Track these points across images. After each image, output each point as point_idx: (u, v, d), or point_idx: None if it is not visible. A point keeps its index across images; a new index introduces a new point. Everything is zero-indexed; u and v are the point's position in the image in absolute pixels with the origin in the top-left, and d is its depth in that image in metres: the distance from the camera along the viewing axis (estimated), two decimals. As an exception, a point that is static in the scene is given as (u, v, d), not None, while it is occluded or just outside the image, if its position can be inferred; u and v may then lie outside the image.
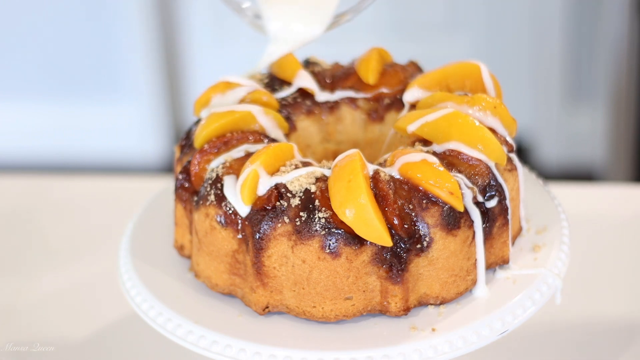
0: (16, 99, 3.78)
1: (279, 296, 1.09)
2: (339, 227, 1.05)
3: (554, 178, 3.23)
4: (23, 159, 3.79)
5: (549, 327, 1.36)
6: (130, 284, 1.16)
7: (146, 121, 3.73)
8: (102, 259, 1.56)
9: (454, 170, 1.10)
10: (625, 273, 1.49)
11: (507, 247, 1.14)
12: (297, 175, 1.08)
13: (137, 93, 3.70)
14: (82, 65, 3.69)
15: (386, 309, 1.09)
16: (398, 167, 1.08)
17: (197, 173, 1.15)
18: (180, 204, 1.19)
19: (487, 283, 1.12)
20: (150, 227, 1.27)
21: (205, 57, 3.66)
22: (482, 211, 1.10)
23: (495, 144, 1.11)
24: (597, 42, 3.37)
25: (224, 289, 1.14)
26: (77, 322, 1.43)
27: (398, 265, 1.06)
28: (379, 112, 1.28)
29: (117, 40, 3.64)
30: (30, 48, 3.68)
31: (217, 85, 1.25)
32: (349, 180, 1.05)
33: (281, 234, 1.07)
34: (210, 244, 1.12)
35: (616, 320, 1.39)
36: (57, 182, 1.86)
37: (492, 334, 1.06)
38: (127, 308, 1.20)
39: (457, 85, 1.22)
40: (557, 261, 1.15)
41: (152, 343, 1.33)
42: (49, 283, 1.53)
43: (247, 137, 1.16)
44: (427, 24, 3.50)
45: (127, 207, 1.49)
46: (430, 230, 1.07)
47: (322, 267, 1.06)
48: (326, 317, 1.09)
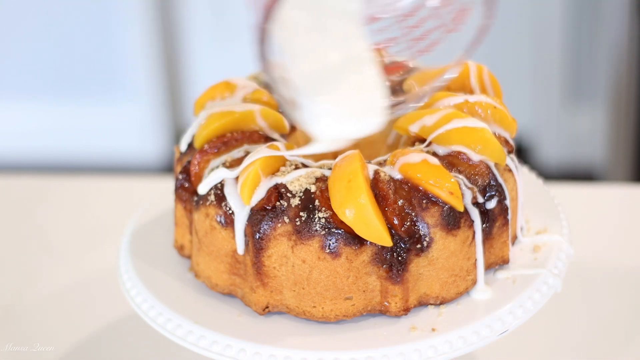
0: (16, 99, 3.78)
1: (279, 296, 1.09)
2: (339, 227, 1.05)
3: (554, 178, 3.23)
4: (23, 159, 3.79)
5: (549, 327, 1.36)
6: (130, 284, 1.16)
7: (146, 121, 3.73)
8: (101, 259, 1.56)
9: (454, 170, 1.10)
10: (625, 273, 1.49)
11: (507, 247, 1.14)
12: (297, 176, 1.08)
13: (137, 93, 3.70)
14: (82, 65, 3.69)
15: (386, 309, 1.09)
16: (398, 167, 1.08)
17: (197, 173, 1.15)
18: (180, 204, 1.19)
19: (487, 283, 1.12)
20: (150, 227, 1.27)
21: (205, 57, 3.66)
22: (482, 211, 1.10)
23: (495, 144, 1.11)
24: (597, 42, 3.37)
25: (224, 289, 1.14)
26: (77, 322, 1.43)
27: (398, 265, 1.06)
28: (379, 112, 1.28)
29: (117, 40, 3.64)
30: (30, 48, 3.68)
31: (217, 85, 1.25)
32: (349, 180, 1.05)
33: (281, 234, 1.07)
34: (210, 244, 1.12)
35: (616, 320, 1.39)
36: (57, 182, 1.86)
37: (492, 334, 1.06)
38: (127, 308, 1.20)
39: (456, 85, 1.22)
40: (557, 261, 1.15)
41: (152, 343, 1.33)
42: (49, 283, 1.53)
43: (247, 137, 1.16)
44: (427, 24, 3.49)
45: (127, 207, 1.49)
46: (430, 230, 1.07)
47: (322, 267, 1.06)
48: (326, 317, 1.09)
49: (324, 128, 1.03)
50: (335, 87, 1.02)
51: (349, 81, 1.02)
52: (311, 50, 1.01)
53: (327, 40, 1.01)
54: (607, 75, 3.24)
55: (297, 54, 1.00)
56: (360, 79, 1.03)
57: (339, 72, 1.02)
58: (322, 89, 1.01)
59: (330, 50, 1.01)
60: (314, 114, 1.02)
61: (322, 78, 1.01)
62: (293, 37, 0.97)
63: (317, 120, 1.02)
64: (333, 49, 1.01)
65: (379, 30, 1.06)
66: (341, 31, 1.01)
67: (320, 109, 1.01)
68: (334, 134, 1.04)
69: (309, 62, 1.01)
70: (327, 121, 1.02)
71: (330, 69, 1.02)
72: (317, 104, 1.01)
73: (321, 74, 1.01)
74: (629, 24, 3.00)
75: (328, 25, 1.00)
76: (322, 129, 1.03)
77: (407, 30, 1.08)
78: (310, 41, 1.00)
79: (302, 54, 1.00)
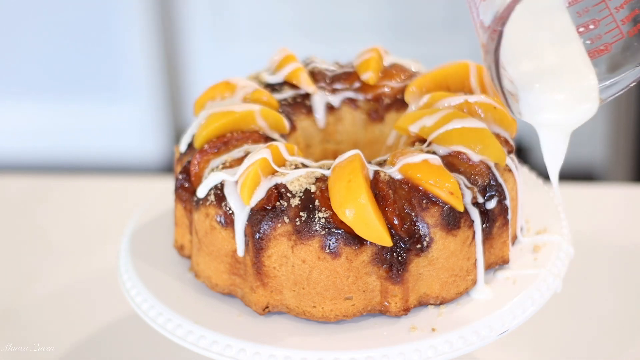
0: (16, 99, 3.78)
1: (279, 296, 1.09)
2: (339, 227, 1.05)
3: (554, 178, 3.23)
4: (23, 159, 3.79)
5: (549, 327, 1.36)
6: (130, 284, 1.16)
7: (146, 121, 3.73)
8: (102, 259, 1.56)
9: (454, 170, 1.10)
10: (625, 273, 1.49)
11: (507, 247, 1.14)
12: (297, 176, 1.08)
13: (137, 93, 3.70)
14: (82, 65, 3.69)
15: (386, 309, 1.09)
16: (398, 167, 1.08)
17: (197, 173, 1.15)
18: (180, 204, 1.19)
19: (487, 283, 1.12)
20: (150, 227, 1.27)
21: (205, 57, 3.66)
22: (482, 211, 1.10)
23: (495, 144, 1.11)
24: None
25: (224, 289, 1.14)
26: (77, 322, 1.43)
27: (398, 265, 1.06)
28: (379, 112, 1.28)
29: (117, 40, 3.64)
30: (30, 48, 3.68)
31: (217, 85, 1.25)
32: (349, 180, 1.05)
33: (281, 234, 1.07)
34: (210, 244, 1.12)
35: (616, 320, 1.39)
36: (57, 182, 1.86)
37: (492, 334, 1.06)
38: (127, 308, 1.20)
39: (456, 85, 1.22)
40: (557, 261, 1.15)
41: (152, 343, 1.34)
42: (49, 283, 1.53)
43: (247, 137, 1.16)
44: (427, 24, 3.50)
45: (127, 207, 1.49)
46: (430, 230, 1.07)
47: (322, 267, 1.07)
48: (326, 317, 1.09)
49: (546, 119, 1.05)
50: (553, 77, 1.04)
51: (564, 69, 1.05)
52: (529, 47, 1.04)
53: (542, 35, 1.04)
54: (607, 75, 3.24)
55: (517, 52, 1.03)
56: (574, 66, 1.05)
57: (555, 64, 1.05)
58: (541, 81, 1.04)
59: (546, 45, 1.04)
60: (535, 106, 1.04)
61: (540, 71, 1.04)
62: (512, 37, 1.00)
63: (539, 111, 1.05)
64: (548, 44, 1.04)
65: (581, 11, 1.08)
66: (552, 23, 1.04)
67: (541, 101, 1.04)
68: (557, 123, 1.06)
69: (529, 60, 1.04)
70: (550, 112, 1.05)
71: (547, 63, 1.05)
72: (537, 96, 1.04)
73: (539, 68, 1.04)
74: (629, 24, 3.00)
75: (539, 19, 1.03)
76: (545, 119, 1.05)
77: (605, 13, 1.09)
78: (527, 38, 1.04)
79: (522, 51, 1.04)
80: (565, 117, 1.05)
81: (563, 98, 1.04)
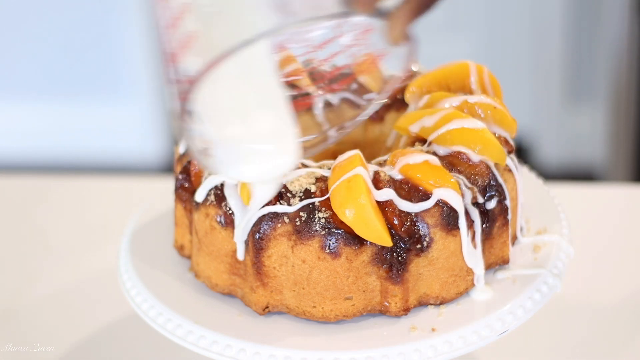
0: (16, 99, 3.78)
1: (279, 296, 1.09)
2: (339, 227, 1.05)
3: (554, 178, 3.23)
4: (23, 159, 3.79)
5: (549, 327, 1.36)
6: (130, 284, 1.16)
7: (146, 121, 3.73)
8: (102, 259, 1.56)
9: (454, 170, 1.10)
10: (626, 273, 1.49)
11: (507, 247, 1.14)
12: (297, 176, 1.08)
13: (137, 93, 3.70)
14: (82, 65, 3.69)
15: (386, 309, 1.09)
16: (399, 167, 1.08)
17: (197, 173, 1.15)
18: (180, 204, 1.19)
19: (487, 283, 1.12)
20: (150, 227, 1.27)
21: (205, 57, 3.66)
22: (482, 211, 1.10)
23: (495, 144, 1.11)
24: (597, 42, 3.37)
25: (224, 289, 1.14)
26: (77, 322, 1.43)
27: (398, 265, 1.06)
28: (379, 112, 1.28)
29: (117, 40, 3.64)
30: (30, 48, 3.68)
31: (217, 85, 1.25)
32: (349, 180, 1.05)
33: (281, 234, 1.07)
34: (210, 244, 1.12)
35: (616, 320, 1.39)
36: (57, 182, 1.86)
37: (492, 334, 1.06)
38: (127, 308, 1.20)
39: (457, 85, 1.22)
40: (557, 261, 1.15)
41: (152, 343, 1.33)
42: (49, 283, 1.53)
43: (246, 137, 1.16)
44: (427, 24, 3.49)
45: (127, 207, 1.49)
46: (430, 230, 1.07)
47: (322, 267, 1.07)
48: (326, 317, 1.09)
49: (238, 172, 1.04)
50: (247, 130, 1.03)
51: (260, 124, 1.04)
52: (231, 105, 1.02)
53: (241, 84, 1.02)
54: (607, 75, 3.25)
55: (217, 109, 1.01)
56: (271, 120, 1.04)
57: (250, 116, 1.03)
58: (235, 135, 1.02)
59: (244, 93, 1.02)
60: (226, 160, 1.02)
61: (234, 123, 1.02)
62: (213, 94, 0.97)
63: (231, 165, 1.03)
64: (246, 90, 1.02)
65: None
66: (252, 69, 1.02)
67: (232, 154, 1.02)
68: (249, 177, 1.05)
69: (230, 117, 1.02)
70: (241, 165, 1.03)
71: (242, 112, 1.03)
72: (229, 149, 1.02)
73: (233, 118, 1.02)
74: (629, 24, 3.00)
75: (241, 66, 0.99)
76: (237, 173, 1.04)
77: (318, 62, 1.10)
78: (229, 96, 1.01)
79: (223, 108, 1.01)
80: (262, 169, 1.04)
81: (263, 150, 1.04)
